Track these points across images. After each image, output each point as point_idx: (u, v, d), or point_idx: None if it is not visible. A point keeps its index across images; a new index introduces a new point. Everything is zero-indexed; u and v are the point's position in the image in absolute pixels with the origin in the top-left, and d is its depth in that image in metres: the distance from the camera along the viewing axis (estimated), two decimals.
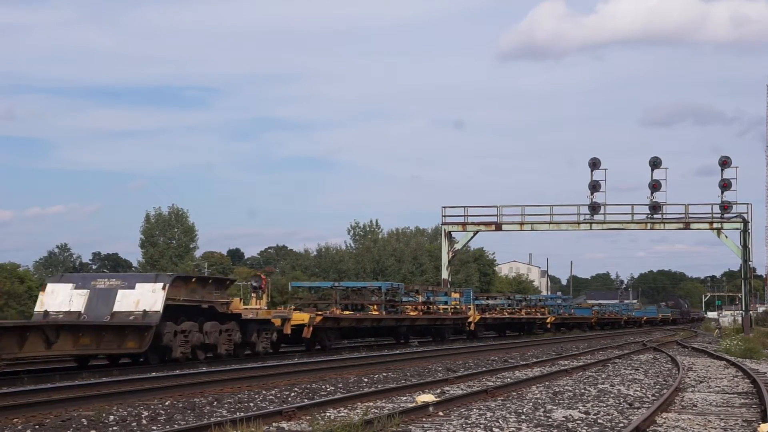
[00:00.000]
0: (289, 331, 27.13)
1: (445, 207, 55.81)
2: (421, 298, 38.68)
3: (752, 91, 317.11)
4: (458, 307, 41.98)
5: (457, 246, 59.25)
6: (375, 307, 33.63)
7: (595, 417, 12.91)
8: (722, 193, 53.09)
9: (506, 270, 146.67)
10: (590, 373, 21.61)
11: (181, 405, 13.37)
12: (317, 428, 10.40)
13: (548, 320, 56.41)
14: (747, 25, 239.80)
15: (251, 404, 13.75)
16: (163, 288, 21.58)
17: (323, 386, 16.72)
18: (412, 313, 36.59)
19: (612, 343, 39.87)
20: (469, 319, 42.07)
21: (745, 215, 53.65)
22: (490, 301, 50.96)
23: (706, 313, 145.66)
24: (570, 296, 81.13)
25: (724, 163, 53.28)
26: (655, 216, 53.46)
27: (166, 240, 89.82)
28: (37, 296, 22.98)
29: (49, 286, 22.34)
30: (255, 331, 25.37)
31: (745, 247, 53.55)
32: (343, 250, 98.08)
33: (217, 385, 16.14)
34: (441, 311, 40.08)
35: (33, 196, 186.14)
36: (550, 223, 54.75)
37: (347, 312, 31.85)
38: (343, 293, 33.55)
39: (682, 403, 15.12)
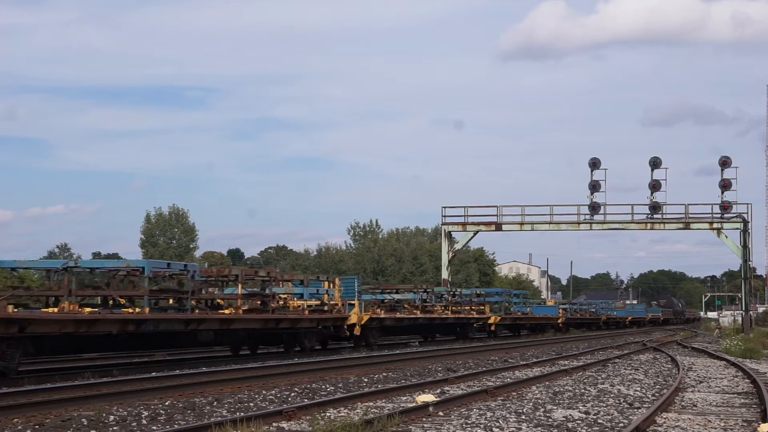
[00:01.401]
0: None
1: (445, 207, 55.95)
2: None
3: (753, 91, 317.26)
4: (327, 303, 29.02)
5: (457, 246, 59.29)
6: None
7: (595, 417, 12.92)
8: (722, 193, 53.17)
9: (506, 270, 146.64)
10: (590, 373, 21.62)
11: (181, 405, 13.37)
12: (317, 428, 10.41)
13: (491, 321, 43.88)
14: (748, 25, 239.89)
15: (251, 404, 13.75)
16: None
17: (323, 386, 16.72)
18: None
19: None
20: (351, 321, 29.33)
21: (745, 215, 53.73)
22: (397, 296, 38.14)
23: (705, 313, 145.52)
24: (526, 291, 66.26)
25: (724, 163, 53.34)
26: (655, 216, 53.51)
27: (167, 240, 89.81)
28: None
29: None
30: None
31: (745, 247, 53.58)
32: (343, 250, 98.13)
33: (217, 385, 16.14)
34: (291, 309, 27.14)
35: (33, 196, 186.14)
36: (550, 223, 54.81)
37: None
38: None
39: (682, 403, 15.13)
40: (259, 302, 25.45)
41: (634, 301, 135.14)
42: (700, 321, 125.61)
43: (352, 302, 30.42)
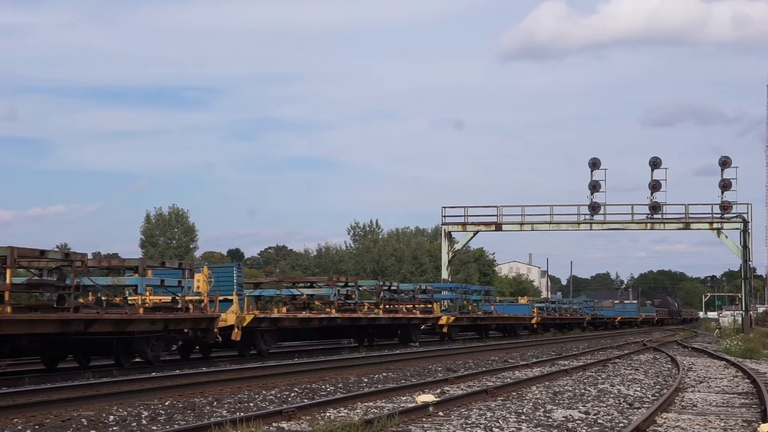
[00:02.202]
0: None
1: (445, 207, 55.95)
2: None
3: (753, 91, 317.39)
4: (181, 299, 21.57)
5: (457, 246, 59.30)
6: None
7: (595, 417, 12.91)
8: (722, 193, 53.17)
9: (506, 270, 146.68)
10: (590, 373, 21.62)
11: (181, 405, 13.37)
12: (317, 428, 10.40)
13: (442, 321, 38.21)
14: (749, 25, 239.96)
15: (251, 404, 13.75)
16: None
17: (323, 386, 16.72)
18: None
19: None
20: (227, 322, 23.38)
21: (745, 215, 53.73)
22: (308, 291, 31.00)
23: (705, 314, 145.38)
24: (492, 288, 59.15)
25: (724, 163, 53.35)
26: (655, 216, 53.51)
27: (167, 240, 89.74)
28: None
29: None
30: None
31: (745, 247, 53.58)
32: (343, 250, 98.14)
33: (217, 385, 16.14)
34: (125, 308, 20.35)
35: (34, 196, 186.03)
36: (550, 223, 54.81)
37: None
38: None
39: (682, 403, 15.12)
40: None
41: (634, 301, 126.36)
42: (699, 321, 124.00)
43: (228, 297, 24.17)
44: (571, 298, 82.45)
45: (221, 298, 23.79)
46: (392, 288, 36.19)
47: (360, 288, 33.25)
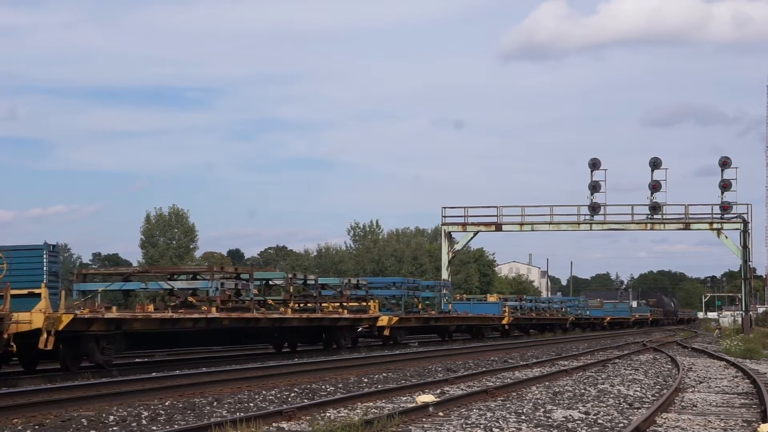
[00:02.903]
0: None
1: (445, 207, 55.97)
2: None
3: (754, 91, 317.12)
4: None
5: (457, 246, 59.32)
6: None
7: (595, 417, 12.92)
8: (722, 193, 53.21)
9: (506, 270, 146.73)
10: (590, 373, 21.62)
11: (181, 405, 13.37)
12: (317, 428, 10.41)
13: (382, 322, 31.57)
14: (749, 26, 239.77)
15: (251, 404, 13.75)
16: None
17: (323, 386, 16.73)
18: None
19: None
20: (33, 325, 17.29)
21: (745, 215, 53.76)
22: (181, 284, 24.95)
23: (705, 314, 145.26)
24: (448, 282, 47.01)
25: (724, 163, 53.39)
26: (655, 216, 53.54)
27: (166, 240, 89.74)
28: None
29: None
30: None
31: (745, 248, 53.60)
32: (343, 250, 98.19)
33: (217, 385, 16.15)
34: None
35: (34, 196, 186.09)
36: (550, 223, 54.84)
37: None
38: None
39: (682, 404, 15.13)
40: None
41: (626, 301, 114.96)
42: (697, 321, 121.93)
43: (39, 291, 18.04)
44: (553, 296, 74.76)
45: (18, 292, 18.04)
46: (308, 282, 29.82)
47: (270, 282, 28.79)
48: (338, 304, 30.86)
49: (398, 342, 33.85)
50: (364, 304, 32.81)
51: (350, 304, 31.53)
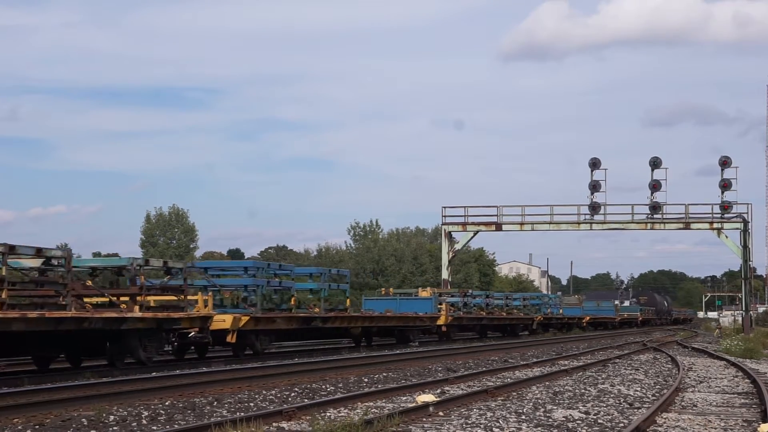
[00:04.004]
0: None
1: (445, 207, 55.98)
2: None
3: (754, 91, 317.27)
4: None
5: (458, 246, 59.32)
6: None
7: (595, 417, 12.91)
8: (722, 193, 53.22)
9: (506, 270, 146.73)
10: (590, 373, 21.61)
11: (181, 405, 13.37)
12: (317, 428, 10.40)
13: (219, 325, 22.85)
14: (750, 26, 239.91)
15: (251, 404, 13.75)
16: None
17: (323, 386, 16.73)
18: None
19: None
20: None
21: (745, 215, 53.79)
22: None
23: (706, 313, 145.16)
24: (346, 271, 36.79)
25: (725, 163, 53.40)
26: (655, 216, 53.55)
27: (167, 240, 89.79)
28: None
29: None
30: None
31: (746, 247, 53.62)
32: (343, 250, 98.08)
33: (217, 385, 16.14)
34: None
35: (34, 196, 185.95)
36: (550, 223, 54.84)
37: None
38: None
39: (683, 403, 15.12)
40: None
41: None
42: (694, 321, 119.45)
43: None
44: (512, 292, 60.45)
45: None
46: (58, 263, 18.89)
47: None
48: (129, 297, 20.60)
49: (258, 351, 24.83)
50: (182, 298, 22.11)
51: (162, 298, 22.86)
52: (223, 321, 23.17)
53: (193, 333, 22.58)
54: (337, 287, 31.62)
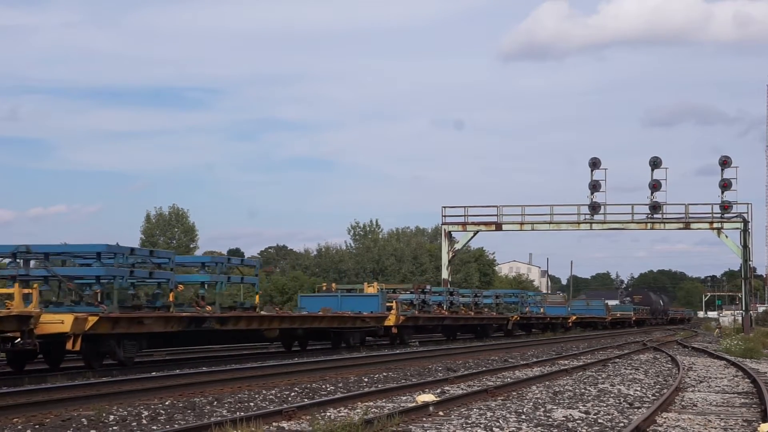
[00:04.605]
0: None
1: (445, 207, 55.96)
2: None
3: (754, 91, 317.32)
4: None
5: (458, 246, 59.31)
6: None
7: (595, 417, 12.91)
8: (722, 193, 53.20)
9: (506, 270, 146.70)
10: (590, 372, 21.62)
11: (181, 405, 13.37)
12: (317, 428, 10.40)
13: (51, 327, 17.44)
14: (750, 25, 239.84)
15: (251, 404, 13.75)
16: None
17: (323, 386, 16.72)
18: None
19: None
20: None
21: (745, 215, 53.77)
22: None
23: (706, 313, 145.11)
24: (253, 261, 31.14)
25: (725, 163, 53.38)
26: (655, 216, 53.54)
27: (167, 240, 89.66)
28: None
29: None
30: None
31: (746, 247, 53.60)
32: (343, 250, 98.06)
33: (217, 385, 16.14)
34: None
35: (35, 196, 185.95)
36: (550, 223, 54.81)
37: None
38: None
39: (683, 403, 15.12)
40: None
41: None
42: (692, 321, 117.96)
43: None
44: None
45: None
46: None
47: None
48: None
49: (123, 361, 19.64)
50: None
51: None
52: (60, 323, 17.78)
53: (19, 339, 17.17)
54: (241, 280, 26.56)
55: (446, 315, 38.36)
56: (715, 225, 53.73)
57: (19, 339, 16.87)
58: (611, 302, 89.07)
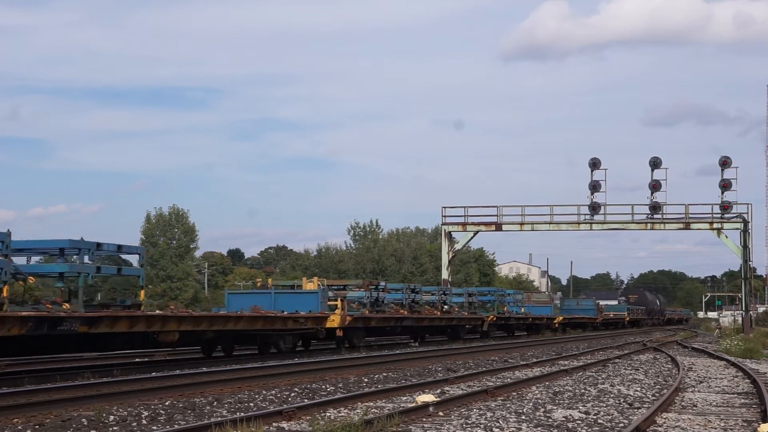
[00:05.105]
0: None
1: (445, 207, 55.94)
2: None
3: (755, 91, 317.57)
4: None
5: (458, 246, 59.30)
6: None
7: (595, 417, 12.91)
8: (722, 193, 53.18)
9: (506, 270, 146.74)
10: (590, 373, 21.61)
11: (181, 405, 13.37)
12: (317, 428, 10.40)
13: None
14: (750, 25, 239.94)
15: (251, 404, 13.75)
16: None
17: (323, 386, 16.72)
18: None
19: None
20: None
21: (745, 215, 53.75)
22: None
23: (706, 313, 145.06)
24: (137, 247, 23.81)
25: (725, 163, 53.36)
26: (655, 216, 53.52)
27: (167, 240, 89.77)
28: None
29: None
30: None
31: (746, 247, 53.59)
32: (343, 250, 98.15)
33: (217, 385, 16.14)
34: None
35: (35, 196, 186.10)
36: (550, 223, 54.80)
37: None
38: None
39: (682, 403, 15.12)
40: None
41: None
42: (690, 321, 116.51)
43: None
44: (447, 287, 46.64)
45: None
46: None
47: None
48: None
49: None
50: None
51: None
52: None
53: None
54: (118, 272, 22.44)
55: (406, 315, 33.83)
56: (715, 225, 53.72)
57: None
58: (609, 302, 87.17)
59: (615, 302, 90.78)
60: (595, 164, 53.79)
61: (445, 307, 39.11)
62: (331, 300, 29.15)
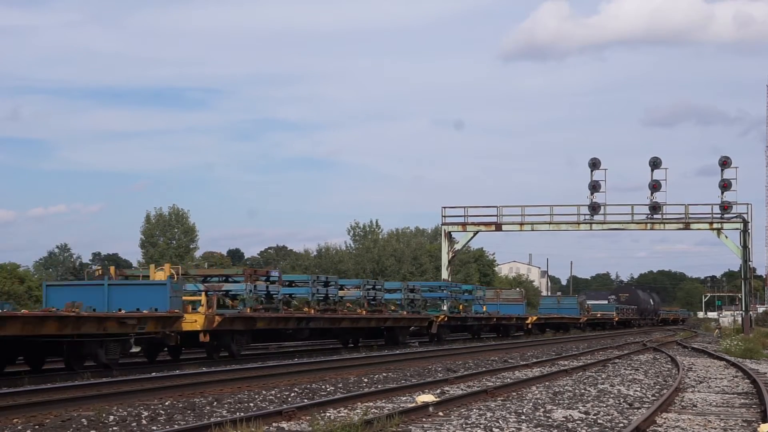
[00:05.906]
0: None
1: (445, 207, 55.91)
2: None
3: (754, 91, 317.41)
4: None
5: (457, 246, 59.28)
6: None
7: (595, 417, 12.92)
8: (722, 193, 53.16)
9: (506, 270, 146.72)
10: (590, 373, 21.62)
11: (181, 405, 13.37)
12: (317, 428, 10.41)
13: None
14: (750, 26, 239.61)
15: (251, 404, 13.75)
16: None
17: (323, 386, 16.72)
18: None
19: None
20: None
21: (745, 215, 53.73)
22: None
23: (706, 314, 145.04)
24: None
25: (724, 163, 53.35)
26: (655, 216, 53.50)
27: (167, 240, 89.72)
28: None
29: None
30: None
31: (745, 248, 53.58)
32: (343, 250, 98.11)
33: (217, 385, 16.15)
34: None
35: (35, 196, 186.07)
36: (550, 223, 54.78)
37: None
38: None
39: (682, 404, 15.13)
40: None
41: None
42: (687, 322, 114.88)
43: None
44: (386, 281, 44.07)
45: None
46: None
47: None
48: None
49: None
50: None
51: None
52: None
53: None
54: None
55: (312, 315, 28.04)
56: (715, 225, 53.70)
57: None
58: (599, 302, 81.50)
59: (605, 302, 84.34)
60: (595, 164, 53.78)
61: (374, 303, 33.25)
62: (196, 295, 24.45)
